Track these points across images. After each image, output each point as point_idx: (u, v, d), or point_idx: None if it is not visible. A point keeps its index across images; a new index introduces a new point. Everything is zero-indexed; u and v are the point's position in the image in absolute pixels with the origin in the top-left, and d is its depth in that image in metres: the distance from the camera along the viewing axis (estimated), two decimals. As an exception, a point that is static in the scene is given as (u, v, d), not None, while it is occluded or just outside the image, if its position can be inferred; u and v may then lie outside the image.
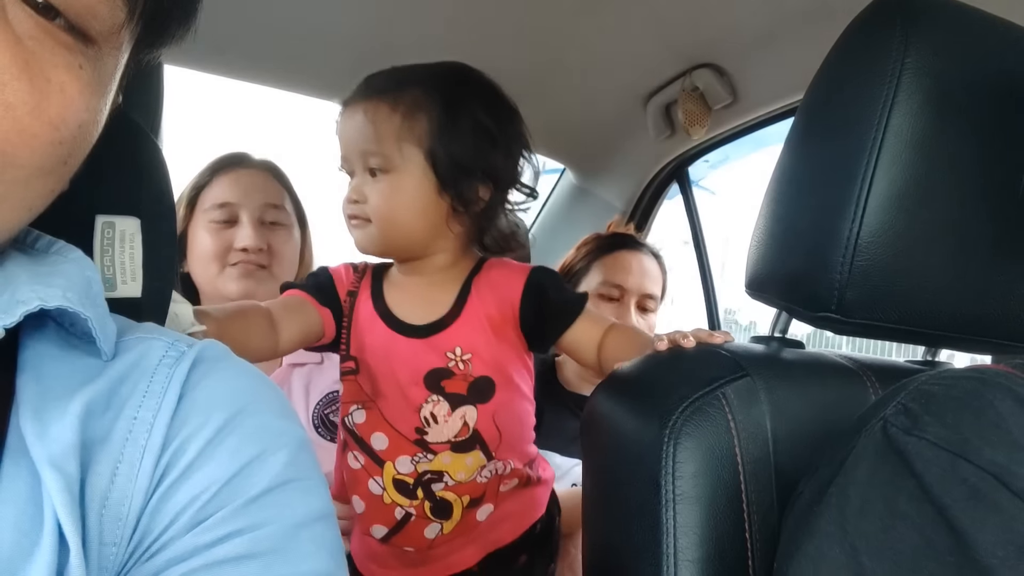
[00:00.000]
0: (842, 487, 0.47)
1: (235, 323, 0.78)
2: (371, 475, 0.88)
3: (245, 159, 1.28)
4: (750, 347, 0.69)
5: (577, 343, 0.90)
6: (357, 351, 0.89)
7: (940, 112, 0.59)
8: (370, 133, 0.83)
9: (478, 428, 0.87)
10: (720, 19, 1.25)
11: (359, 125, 0.84)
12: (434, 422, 0.86)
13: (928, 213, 0.60)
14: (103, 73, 0.38)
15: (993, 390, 0.46)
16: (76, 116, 0.36)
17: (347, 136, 0.86)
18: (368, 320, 0.89)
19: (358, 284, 0.92)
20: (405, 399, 0.86)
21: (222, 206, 1.20)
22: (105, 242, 0.50)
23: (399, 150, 0.83)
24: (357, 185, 0.85)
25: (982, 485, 0.41)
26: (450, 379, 0.86)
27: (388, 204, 0.84)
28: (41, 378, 0.38)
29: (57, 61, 0.34)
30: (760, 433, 0.60)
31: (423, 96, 0.83)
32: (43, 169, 0.35)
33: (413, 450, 0.86)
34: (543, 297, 0.88)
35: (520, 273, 0.90)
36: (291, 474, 0.40)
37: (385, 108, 0.83)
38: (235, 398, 0.41)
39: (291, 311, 0.87)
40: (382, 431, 0.87)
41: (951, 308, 0.62)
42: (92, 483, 0.36)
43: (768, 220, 0.68)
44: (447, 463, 0.87)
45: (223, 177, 1.23)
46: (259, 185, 1.24)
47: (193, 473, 0.38)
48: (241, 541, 0.37)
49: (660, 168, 1.79)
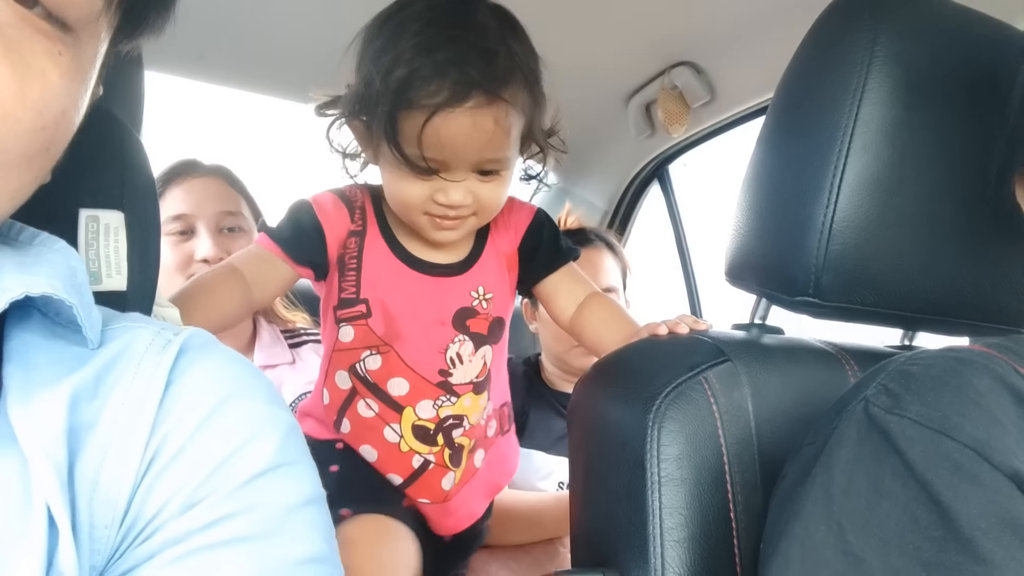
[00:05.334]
0: (826, 467, 0.48)
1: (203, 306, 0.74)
2: (387, 422, 0.85)
3: (196, 166, 1.25)
4: (731, 333, 0.70)
5: (555, 292, 0.91)
6: (370, 293, 0.83)
7: (910, 101, 0.61)
8: (500, 139, 0.74)
9: (492, 369, 0.88)
10: (696, 16, 1.27)
11: (486, 131, 0.72)
12: (459, 362, 0.85)
13: (900, 199, 0.61)
14: (83, 60, 0.38)
15: (971, 368, 0.47)
16: (58, 102, 0.36)
17: (463, 141, 0.72)
18: (383, 261, 0.84)
19: (362, 223, 0.85)
20: (429, 341, 0.84)
21: (177, 218, 1.18)
22: (89, 236, 0.50)
23: (515, 146, 0.78)
24: (465, 188, 0.76)
25: (964, 460, 0.42)
26: (475, 318, 0.86)
27: (499, 199, 0.80)
28: (27, 366, 0.38)
29: (37, 48, 0.35)
30: (742, 416, 0.61)
31: (522, 79, 0.75)
32: (26, 155, 0.35)
33: (436, 393, 0.85)
34: (541, 235, 0.90)
35: (528, 208, 0.91)
36: (282, 458, 0.41)
37: (504, 108, 0.72)
38: (223, 384, 0.42)
39: (265, 267, 0.81)
40: (402, 375, 0.84)
41: (925, 291, 0.64)
42: (82, 468, 0.36)
43: (745, 209, 0.70)
44: (467, 405, 0.87)
45: (175, 188, 1.21)
46: (213, 193, 1.22)
47: (183, 457, 0.38)
48: (234, 524, 0.37)
49: (641, 167, 1.81)
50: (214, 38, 1.38)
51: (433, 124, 0.70)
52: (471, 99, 0.70)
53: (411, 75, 0.69)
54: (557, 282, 0.91)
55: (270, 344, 1.27)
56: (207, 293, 0.76)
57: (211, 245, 1.17)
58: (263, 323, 1.30)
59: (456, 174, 0.75)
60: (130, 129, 0.57)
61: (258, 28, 1.35)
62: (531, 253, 0.90)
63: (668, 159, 1.77)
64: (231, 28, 1.35)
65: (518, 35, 0.76)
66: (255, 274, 0.80)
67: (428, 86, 0.69)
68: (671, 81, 1.46)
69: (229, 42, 1.40)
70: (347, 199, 0.85)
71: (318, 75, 0.79)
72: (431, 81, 0.69)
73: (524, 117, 0.76)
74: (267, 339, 1.28)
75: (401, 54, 0.70)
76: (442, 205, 0.76)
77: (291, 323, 1.35)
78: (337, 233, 0.84)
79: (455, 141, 0.72)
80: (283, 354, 1.27)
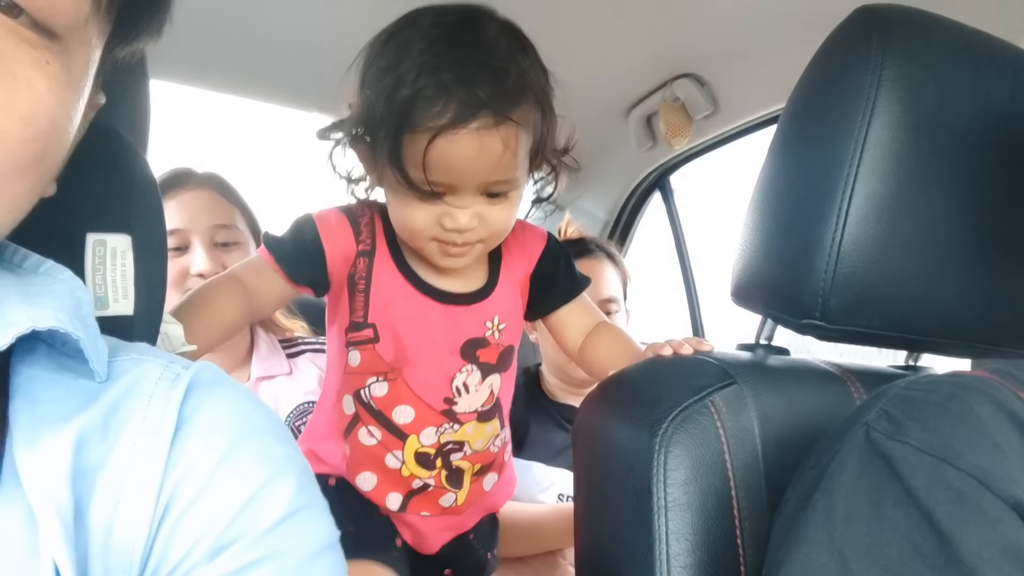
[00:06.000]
0: (828, 492, 0.48)
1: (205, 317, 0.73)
2: (390, 450, 0.84)
3: (188, 178, 1.23)
4: (737, 355, 0.70)
5: (565, 323, 0.90)
6: (378, 318, 0.81)
7: (917, 124, 0.61)
8: (508, 161, 0.71)
9: (500, 396, 0.87)
10: (700, 30, 1.27)
11: (494, 153, 0.70)
12: (465, 392, 0.84)
13: (907, 222, 0.61)
14: (73, 68, 0.38)
15: (972, 395, 0.47)
16: (47, 112, 0.35)
17: (469, 163, 0.70)
18: (393, 285, 0.81)
19: (370, 243, 0.82)
20: (439, 369, 0.82)
21: (172, 233, 1.16)
22: (96, 260, 0.50)
23: (524, 166, 0.76)
24: (472, 212, 0.73)
25: (966, 488, 0.42)
26: (485, 348, 0.84)
27: (508, 222, 0.77)
28: (34, 403, 0.37)
29: (23, 58, 0.34)
30: (749, 439, 0.61)
31: (532, 98, 0.73)
32: (18, 166, 0.35)
33: (440, 420, 0.84)
34: (557, 264, 0.88)
35: (539, 232, 0.89)
36: (302, 501, 0.41)
37: (513, 129, 0.70)
38: (235, 423, 0.41)
39: (263, 281, 0.80)
40: (407, 403, 0.83)
41: (931, 314, 0.64)
42: (93, 513, 0.36)
43: (752, 230, 0.70)
44: (470, 433, 0.86)
45: (169, 202, 1.19)
46: (206, 207, 1.21)
47: (204, 499, 0.38)
48: (265, 571, 0.37)
49: (642, 178, 1.81)
50: (216, 46, 1.38)
51: (438, 146, 0.67)
52: (478, 120, 0.67)
53: (415, 95, 0.67)
54: (569, 313, 0.90)
55: (268, 355, 1.26)
56: (208, 304, 0.75)
57: (206, 259, 1.16)
58: (260, 333, 1.30)
59: (463, 198, 0.73)
60: (136, 149, 0.57)
61: (260, 36, 1.35)
62: (545, 281, 0.88)
63: (670, 170, 1.77)
64: (233, 36, 1.35)
65: (528, 52, 0.74)
66: (254, 286, 0.79)
67: (433, 106, 0.67)
68: (673, 93, 1.46)
69: (231, 50, 1.40)
70: (353, 217, 0.83)
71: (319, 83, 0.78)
72: (436, 101, 0.67)
73: (533, 137, 0.75)
74: (264, 350, 1.27)
75: (405, 73, 0.68)
76: (449, 230, 0.74)
77: (289, 332, 1.34)
78: (339, 252, 0.81)
79: (461, 164, 0.69)
80: (281, 365, 1.26)
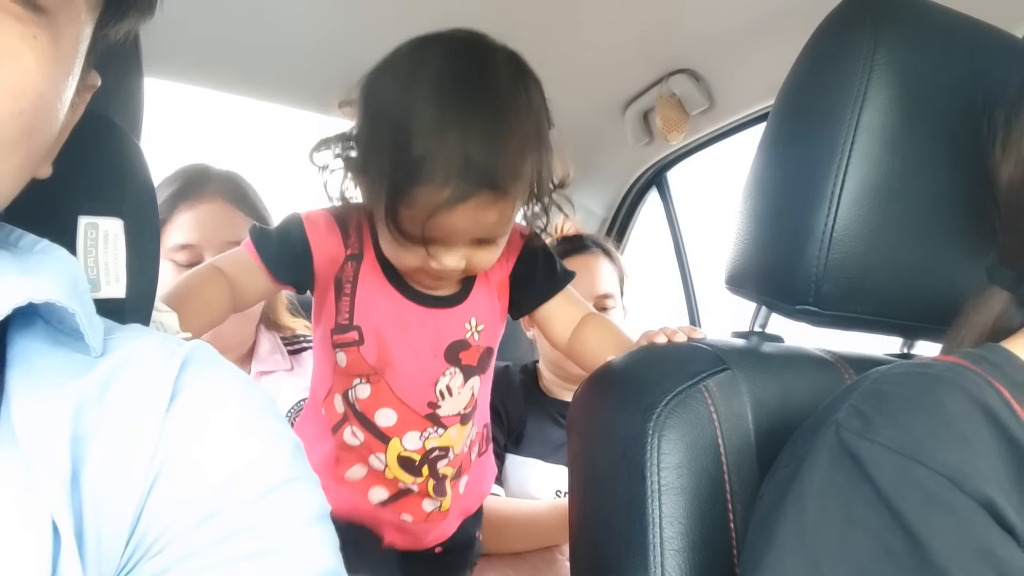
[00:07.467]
0: (799, 495, 0.47)
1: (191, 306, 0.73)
2: (372, 451, 0.85)
3: (204, 186, 1.21)
4: (731, 341, 0.70)
5: (550, 318, 0.90)
6: (363, 320, 0.82)
7: (910, 108, 0.61)
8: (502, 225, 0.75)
9: (479, 398, 0.88)
10: (696, 25, 1.27)
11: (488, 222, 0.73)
12: (449, 395, 0.84)
13: (900, 207, 0.61)
14: (62, 44, 0.37)
15: (941, 386, 0.46)
16: (34, 86, 0.35)
17: (463, 229, 0.73)
18: (378, 288, 0.83)
19: (358, 247, 0.83)
20: (421, 372, 0.83)
21: (184, 247, 1.16)
22: (88, 243, 0.50)
23: (516, 216, 0.79)
24: (460, 255, 0.75)
25: (935, 488, 0.42)
26: (467, 351, 0.85)
27: (492, 260, 0.80)
28: (31, 371, 0.37)
29: (8, 31, 0.34)
30: (742, 424, 0.61)
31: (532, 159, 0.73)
32: (6, 143, 0.35)
33: (424, 425, 0.84)
34: (535, 261, 0.88)
35: (517, 231, 0.88)
36: (293, 473, 0.41)
37: (510, 201, 0.73)
38: (229, 397, 0.42)
39: (247, 276, 0.80)
40: (390, 406, 0.84)
41: (924, 299, 0.64)
42: (88, 476, 0.36)
43: (745, 217, 0.70)
44: (453, 437, 0.86)
45: (183, 214, 1.18)
46: (219, 221, 1.19)
47: (194, 468, 0.38)
48: (250, 538, 0.37)
49: (639, 174, 1.81)
50: (216, 45, 1.38)
51: (434, 216, 0.69)
52: (476, 198, 0.68)
53: (418, 165, 0.67)
54: (553, 308, 0.90)
55: (268, 353, 1.27)
56: (194, 294, 0.75)
57: None
58: (263, 331, 1.30)
59: (452, 248, 0.75)
60: (129, 135, 0.57)
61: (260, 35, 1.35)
62: (524, 280, 0.89)
63: (667, 166, 1.78)
64: (233, 35, 1.35)
65: (531, 93, 0.75)
66: (237, 279, 0.79)
67: (432, 181, 0.67)
68: (669, 88, 1.46)
69: (231, 49, 1.40)
70: (342, 221, 0.83)
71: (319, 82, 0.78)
72: (436, 175, 0.67)
73: (530, 189, 0.75)
74: (265, 350, 1.27)
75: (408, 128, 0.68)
76: (435, 269, 0.76)
77: (291, 330, 1.35)
78: (327, 255, 0.82)
79: (455, 229, 0.72)
80: (281, 361, 1.26)
